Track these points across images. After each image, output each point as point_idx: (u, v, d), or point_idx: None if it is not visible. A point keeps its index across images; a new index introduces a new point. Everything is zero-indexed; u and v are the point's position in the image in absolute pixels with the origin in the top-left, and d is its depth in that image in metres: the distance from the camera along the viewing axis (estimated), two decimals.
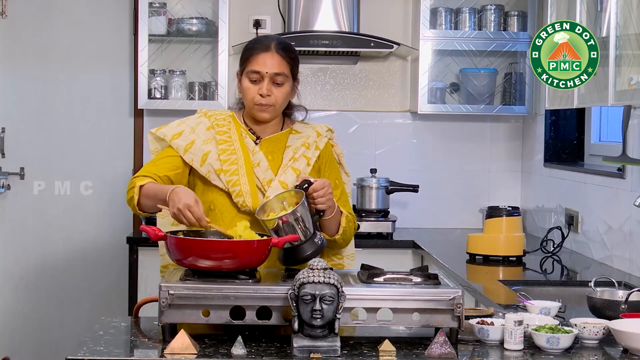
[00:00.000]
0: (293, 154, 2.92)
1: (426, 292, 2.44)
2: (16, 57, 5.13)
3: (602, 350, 2.43)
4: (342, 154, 3.08)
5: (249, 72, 2.86)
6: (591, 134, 4.65)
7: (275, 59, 2.85)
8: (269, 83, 2.85)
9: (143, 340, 2.53)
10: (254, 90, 2.86)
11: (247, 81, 2.87)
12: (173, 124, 2.97)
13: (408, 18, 5.16)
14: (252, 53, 2.87)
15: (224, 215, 2.86)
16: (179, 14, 4.99)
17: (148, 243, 4.57)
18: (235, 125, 2.95)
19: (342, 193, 2.99)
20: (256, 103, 2.87)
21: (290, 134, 2.98)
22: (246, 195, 2.83)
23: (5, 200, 5.16)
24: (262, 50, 2.86)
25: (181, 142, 2.90)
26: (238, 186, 2.83)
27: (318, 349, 2.31)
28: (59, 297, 5.18)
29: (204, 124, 2.94)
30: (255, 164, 2.88)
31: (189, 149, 2.88)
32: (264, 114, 2.89)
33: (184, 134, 2.91)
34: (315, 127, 3.02)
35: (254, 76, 2.85)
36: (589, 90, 3.32)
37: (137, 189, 2.80)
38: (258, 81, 2.85)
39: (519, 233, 4.05)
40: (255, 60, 2.85)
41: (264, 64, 2.84)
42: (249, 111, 2.92)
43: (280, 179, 2.87)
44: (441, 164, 5.22)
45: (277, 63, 2.85)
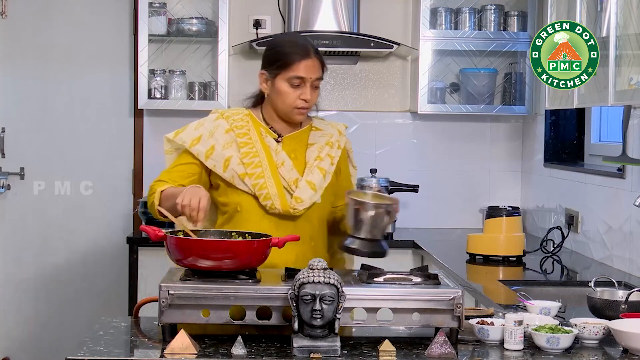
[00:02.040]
0: (318, 153, 2.94)
1: (426, 292, 2.44)
2: (16, 57, 5.13)
3: (602, 350, 2.43)
4: (352, 150, 3.13)
5: (292, 78, 2.85)
6: (591, 134, 4.65)
7: (315, 65, 2.88)
8: (310, 88, 2.86)
9: (143, 340, 2.53)
10: (294, 95, 2.86)
11: (287, 85, 2.86)
12: (190, 128, 2.94)
13: (408, 18, 5.16)
14: (295, 59, 2.85)
15: (250, 216, 2.86)
16: (179, 14, 4.99)
17: (148, 243, 4.57)
18: (254, 124, 2.93)
19: None
20: (296, 107, 2.87)
21: (311, 131, 2.99)
22: (274, 198, 2.83)
23: (5, 200, 5.16)
24: (304, 57, 2.85)
25: (201, 148, 2.87)
26: (265, 189, 2.83)
27: (318, 349, 2.31)
28: (59, 297, 5.18)
29: (222, 127, 2.91)
30: (279, 163, 2.88)
31: (210, 155, 2.86)
32: (301, 117, 2.92)
33: (203, 138, 2.89)
34: (335, 125, 3.05)
35: (296, 82, 2.85)
36: (589, 90, 3.32)
37: (158, 195, 2.80)
38: (299, 86, 2.85)
39: (519, 233, 4.05)
40: (299, 66, 2.84)
41: (307, 70, 2.85)
42: (284, 114, 2.91)
43: (307, 179, 2.88)
44: (441, 164, 5.22)
45: (317, 68, 2.88)
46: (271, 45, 2.96)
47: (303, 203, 2.86)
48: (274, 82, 2.89)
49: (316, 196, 2.88)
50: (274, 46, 2.94)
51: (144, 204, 4.85)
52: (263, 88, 2.93)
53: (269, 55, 2.92)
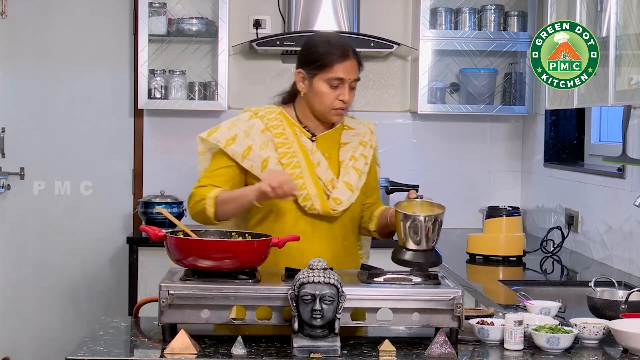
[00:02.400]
0: (353, 153, 2.94)
1: (426, 292, 2.44)
2: (16, 57, 5.13)
3: (602, 350, 2.43)
4: (377, 148, 3.11)
5: (332, 79, 2.83)
6: (591, 134, 4.65)
7: (354, 65, 2.87)
8: (348, 88, 2.86)
9: (143, 340, 2.53)
10: (332, 96, 2.85)
11: (326, 86, 2.85)
12: (224, 127, 2.91)
13: (408, 18, 5.16)
14: (335, 60, 2.83)
15: (286, 217, 2.86)
16: (179, 14, 4.99)
17: (148, 243, 4.57)
18: (288, 123, 2.92)
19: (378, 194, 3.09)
20: (334, 107, 2.87)
21: (343, 130, 2.99)
22: (314, 199, 2.83)
23: (5, 200, 5.16)
24: (344, 58, 2.84)
25: (237, 148, 2.85)
26: (304, 190, 2.83)
27: (318, 349, 2.31)
28: (59, 297, 5.18)
29: (257, 127, 2.88)
30: (315, 164, 2.88)
31: (247, 155, 2.85)
32: (338, 118, 2.92)
33: (238, 138, 2.87)
34: (367, 124, 3.05)
35: (335, 82, 2.84)
36: (589, 90, 3.32)
37: (212, 200, 2.79)
38: (338, 87, 2.85)
39: (519, 233, 4.05)
40: (339, 67, 2.83)
41: (347, 72, 2.84)
42: (321, 114, 2.90)
43: (344, 180, 2.88)
44: (441, 164, 5.22)
45: (355, 69, 2.88)
46: (309, 45, 2.92)
47: (342, 204, 2.87)
48: (312, 82, 2.86)
49: (353, 197, 2.89)
50: (313, 45, 2.90)
51: (144, 204, 4.85)
52: (300, 87, 2.90)
53: (307, 54, 2.89)
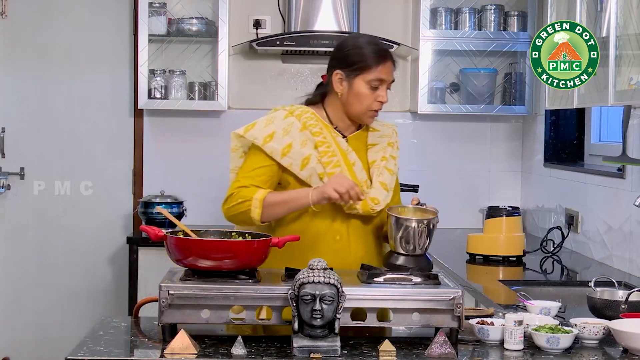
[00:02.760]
0: (383, 154, 2.95)
1: (426, 292, 2.44)
2: (16, 57, 5.13)
3: (602, 350, 2.43)
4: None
5: (373, 80, 2.84)
6: (591, 134, 4.65)
7: (392, 67, 2.90)
8: (386, 90, 2.88)
9: (143, 340, 2.53)
10: (372, 97, 2.86)
11: (366, 87, 2.85)
12: (260, 124, 2.90)
13: (408, 18, 5.16)
14: (377, 61, 2.85)
15: (323, 216, 2.86)
16: (179, 14, 4.99)
17: (148, 243, 4.58)
18: (322, 123, 2.92)
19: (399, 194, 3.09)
20: (372, 109, 2.88)
21: (369, 132, 2.99)
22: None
23: (5, 200, 5.16)
24: (384, 59, 2.87)
25: (276, 146, 2.84)
26: None
27: (318, 349, 2.31)
28: (59, 297, 5.18)
29: (296, 125, 2.88)
30: (352, 163, 2.89)
31: (287, 152, 2.83)
32: (372, 120, 2.93)
33: (277, 135, 2.86)
34: (390, 126, 3.06)
35: (376, 84, 2.85)
36: (589, 90, 3.32)
37: (259, 202, 2.78)
38: (377, 88, 2.86)
39: (519, 233, 4.05)
40: (380, 69, 2.85)
41: (387, 73, 2.87)
42: (357, 115, 2.90)
43: (379, 180, 2.90)
44: (441, 164, 5.22)
45: (392, 71, 2.90)
46: (348, 46, 2.91)
47: (380, 204, 2.88)
48: (352, 83, 2.87)
49: (389, 197, 2.91)
50: (352, 47, 2.90)
51: (144, 204, 4.85)
52: (337, 88, 2.90)
53: (346, 56, 2.89)
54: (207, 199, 5.10)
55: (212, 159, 5.14)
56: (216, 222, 4.97)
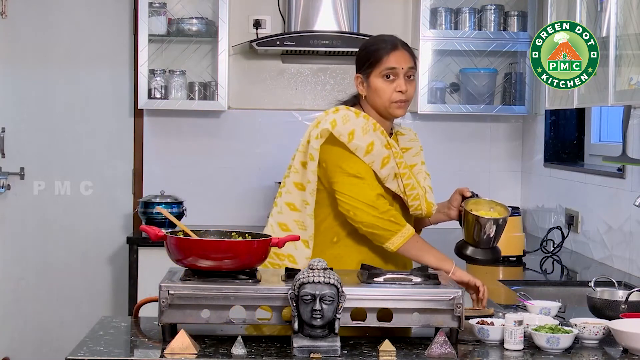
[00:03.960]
0: (421, 158, 2.99)
1: (426, 292, 2.44)
2: (16, 57, 5.13)
3: (602, 350, 2.43)
4: None
5: (384, 71, 2.83)
6: (591, 134, 4.65)
7: (405, 55, 2.87)
8: (404, 78, 2.85)
9: (143, 340, 2.53)
10: (390, 89, 2.84)
11: (380, 81, 2.85)
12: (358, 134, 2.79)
13: (408, 18, 5.16)
14: (383, 53, 2.84)
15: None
16: (179, 14, 4.99)
17: (148, 243, 4.57)
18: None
19: None
20: (394, 100, 2.85)
21: (398, 136, 2.99)
22: (422, 199, 2.86)
23: (5, 200, 5.16)
24: (392, 49, 2.85)
25: (360, 143, 2.80)
26: (415, 190, 2.85)
27: (318, 349, 2.31)
28: (59, 297, 5.18)
29: (370, 125, 2.83)
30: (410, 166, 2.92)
31: (371, 151, 2.80)
32: (401, 111, 2.88)
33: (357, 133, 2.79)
34: (411, 130, 3.06)
35: (389, 74, 2.83)
36: (589, 90, 3.32)
37: (405, 239, 2.76)
38: (393, 79, 2.84)
39: (519, 233, 4.04)
40: (389, 58, 2.84)
41: (398, 61, 2.84)
42: (383, 110, 2.87)
43: (427, 184, 2.94)
44: (441, 164, 5.21)
45: (408, 58, 2.88)
46: (360, 49, 2.94)
47: (434, 207, 2.94)
48: (369, 82, 2.87)
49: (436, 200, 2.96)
50: (363, 48, 2.92)
51: (144, 204, 4.85)
52: (360, 91, 2.91)
53: (360, 58, 2.91)
54: (207, 199, 5.10)
55: (212, 159, 5.14)
56: (216, 222, 4.98)
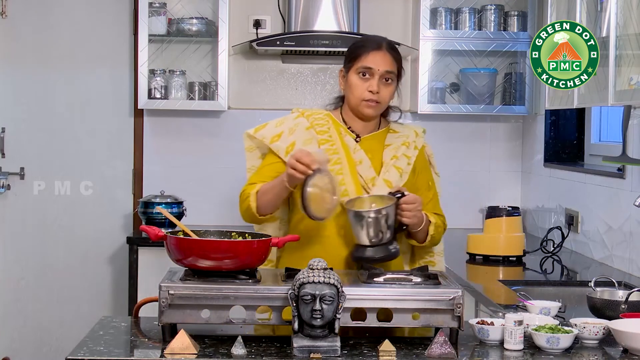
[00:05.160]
0: (394, 153, 2.96)
1: (426, 292, 2.44)
2: (16, 57, 5.12)
3: (602, 350, 2.43)
4: (433, 155, 3.14)
5: (360, 68, 2.87)
6: (591, 134, 4.65)
7: (386, 58, 2.89)
8: (378, 80, 2.87)
9: (143, 340, 2.53)
10: (363, 87, 2.88)
11: (356, 77, 2.89)
12: (271, 125, 2.97)
13: (408, 18, 5.16)
14: (364, 51, 2.88)
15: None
16: (179, 14, 4.99)
17: (148, 243, 4.57)
18: (334, 124, 2.96)
19: (434, 195, 3.08)
20: (364, 99, 2.88)
21: (389, 133, 3.01)
22: (351, 194, 2.85)
23: (5, 200, 5.16)
24: (373, 49, 2.88)
25: (281, 144, 2.91)
26: (343, 186, 2.85)
27: (318, 349, 2.31)
28: (59, 297, 5.18)
29: (302, 125, 2.94)
30: (357, 162, 2.90)
31: (290, 151, 2.87)
32: (370, 110, 2.91)
33: (284, 135, 2.92)
34: (413, 127, 3.07)
35: (365, 72, 2.87)
36: (589, 90, 3.32)
37: (254, 196, 2.83)
38: (368, 78, 2.87)
39: (519, 233, 4.05)
40: (367, 57, 2.87)
41: (376, 62, 2.87)
42: (354, 107, 2.92)
43: (384, 177, 2.90)
44: (441, 164, 5.18)
45: (389, 61, 2.89)
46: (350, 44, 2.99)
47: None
48: (347, 77, 2.92)
49: None
50: (351, 44, 2.97)
51: (144, 204, 4.85)
52: (340, 84, 2.98)
53: (346, 54, 2.96)
54: (207, 199, 5.10)
55: (212, 159, 5.14)
56: (216, 222, 4.98)
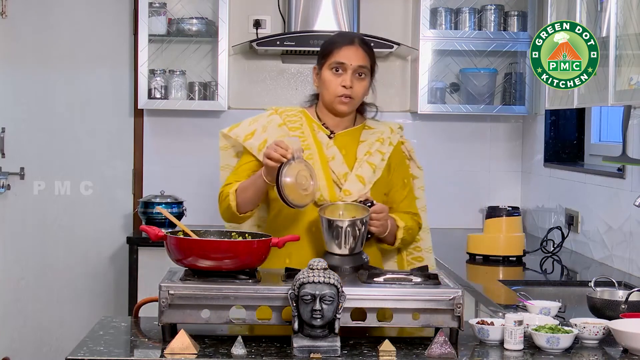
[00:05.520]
0: (368, 149, 2.96)
1: (426, 292, 2.44)
2: (16, 57, 5.13)
3: (602, 350, 2.43)
4: (413, 150, 3.12)
5: (333, 64, 2.88)
6: (591, 134, 4.65)
7: (359, 53, 2.89)
8: (352, 75, 2.88)
9: (143, 340, 2.53)
10: (336, 82, 2.89)
11: (329, 73, 2.90)
12: (245, 123, 3.00)
13: (408, 18, 5.16)
14: (336, 46, 2.89)
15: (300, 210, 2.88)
16: (179, 14, 4.99)
17: (148, 243, 4.57)
18: (307, 120, 2.98)
19: (409, 192, 3.04)
20: (338, 95, 2.89)
21: (364, 130, 3.02)
22: (323, 190, 2.86)
23: (5, 200, 5.16)
24: (346, 44, 2.89)
25: (254, 142, 2.93)
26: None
27: (318, 349, 2.31)
28: (59, 297, 5.18)
29: (275, 122, 2.96)
30: (329, 157, 2.91)
31: (262, 148, 2.88)
32: (344, 107, 2.92)
33: (257, 133, 2.94)
34: (388, 124, 3.07)
35: (338, 68, 2.88)
36: (589, 90, 3.32)
37: (233, 195, 2.85)
38: (341, 73, 2.88)
39: (519, 233, 4.05)
40: (339, 52, 2.88)
41: (348, 57, 2.87)
42: (328, 104, 2.94)
43: (357, 173, 2.90)
44: (441, 164, 5.22)
45: (361, 56, 2.90)
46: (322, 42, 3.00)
47: (352, 196, 2.88)
48: (321, 74, 2.93)
49: (365, 190, 2.90)
50: (324, 41, 2.98)
51: (144, 204, 4.85)
52: (314, 82, 2.99)
53: (319, 51, 2.97)
54: (207, 199, 5.10)
55: (212, 159, 5.09)
56: (216, 222, 4.97)
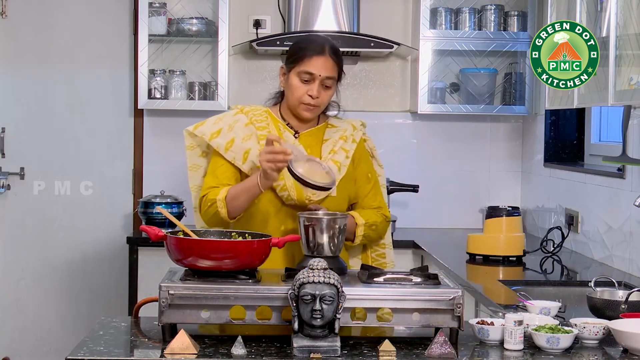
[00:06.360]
0: (332, 147, 2.98)
1: (426, 292, 2.44)
2: (16, 57, 5.13)
3: (602, 350, 2.43)
4: (375, 148, 3.14)
5: (302, 73, 2.89)
6: (591, 133, 4.65)
7: (328, 63, 2.90)
8: (319, 85, 2.89)
9: (143, 340, 2.53)
10: (302, 90, 2.90)
11: (297, 80, 2.91)
12: (210, 122, 3.00)
13: (408, 18, 5.16)
14: (307, 54, 2.89)
15: (268, 208, 2.92)
16: (179, 14, 4.99)
17: (148, 243, 4.57)
18: (272, 120, 3.00)
19: (374, 186, 3.07)
20: (303, 102, 2.91)
21: (327, 128, 3.04)
22: (290, 189, 2.88)
23: (5, 200, 5.16)
24: (317, 53, 2.89)
25: (221, 141, 2.94)
26: (282, 181, 2.88)
27: (318, 349, 2.31)
28: (59, 297, 5.18)
29: (242, 121, 2.98)
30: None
31: (230, 147, 2.92)
32: (308, 114, 2.95)
33: (223, 131, 2.96)
34: (351, 122, 3.09)
35: (306, 77, 2.89)
36: (589, 90, 3.32)
37: (223, 202, 2.85)
38: (309, 82, 2.89)
39: (519, 233, 4.04)
40: (310, 62, 2.89)
41: (318, 67, 2.88)
42: (293, 108, 2.96)
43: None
44: (441, 164, 5.22)
45: (330, 67, 2.91)
46: (294, 41, 3.01)
47: (316, 195, 2.90)
48: (288, 77, 2.94)
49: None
50: (295, 42, 2.99)
51: (144, 204, 4.85)
52: (280, 82, 3.00)
53: (289, 50, 2.98)
54: None
55: None
56: None
